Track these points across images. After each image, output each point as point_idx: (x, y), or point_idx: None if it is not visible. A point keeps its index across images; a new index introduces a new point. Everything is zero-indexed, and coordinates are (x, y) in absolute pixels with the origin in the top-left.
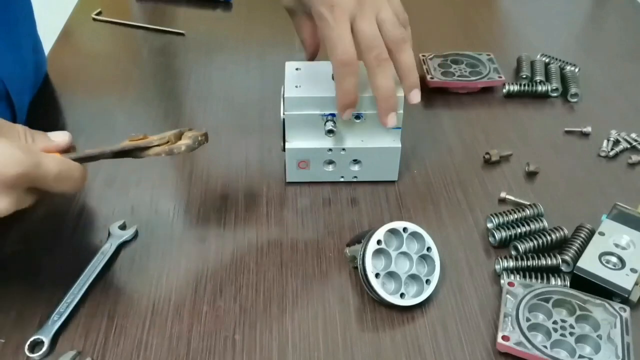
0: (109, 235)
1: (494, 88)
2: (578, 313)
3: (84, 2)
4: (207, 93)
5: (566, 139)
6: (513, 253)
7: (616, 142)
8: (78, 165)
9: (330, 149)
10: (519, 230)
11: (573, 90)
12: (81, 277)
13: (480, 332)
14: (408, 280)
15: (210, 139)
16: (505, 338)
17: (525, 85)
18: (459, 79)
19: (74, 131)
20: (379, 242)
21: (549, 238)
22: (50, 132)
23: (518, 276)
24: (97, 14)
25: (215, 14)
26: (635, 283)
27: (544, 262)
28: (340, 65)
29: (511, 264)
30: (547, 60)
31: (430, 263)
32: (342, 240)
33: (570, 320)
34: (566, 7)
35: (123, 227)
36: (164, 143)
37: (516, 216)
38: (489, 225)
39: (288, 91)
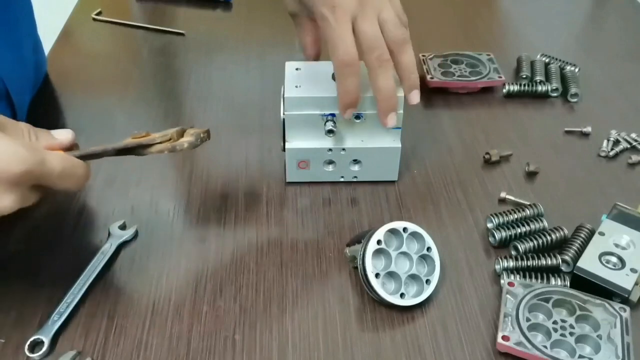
0: (109, 235)
1: (494, 88)
2: (578, 313)
3: (84, 2)
4: (207, 93)
5: (566, 139)
6: (513, 253)
7: (616, 142)
8: (81, 162)
9: (330, 149)
10: (519, 230)
11: (573, 90)
12: (81, 277)
13: (480, 332)
14: (408, 280)
15: (210, 139)
16: (505, 338)
17: (525, 85)
18: (459, 79)
19: (74, 131)
20: (379, 242)
21: (549, 238)
22: (53, 130)
23: (518, 276)
24: (97, 14)
25: (215, 14)
26: (635, 283)
27: (544, 262)
28: (341, 65)
29: (511, 264)
30: (547, 60)
31: (430, 263)
32: (342, 240)
33: (570, 320)
34: (566, 7)
35: (123, 227)
36: (166, 140)
37: (516, 216)
38: (489, 225)
39: (288, 91)
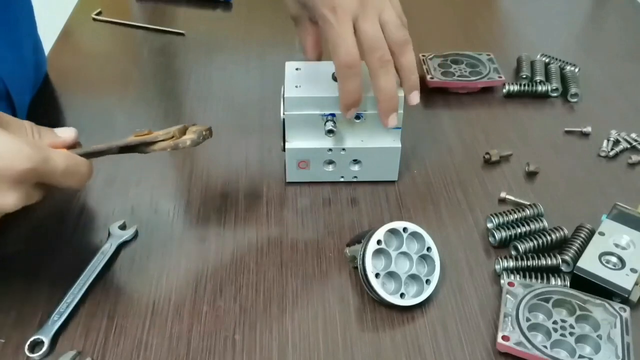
0: (109, 235)
1: (494, 88)
2: (578, 313)
3: (84, 2)
4: (207, 93)
5: (566, 139)
6: (513, 253)
7: (616, 142)
8: (85, 160)
9: (330, 149)
10: (519, 230)
11: (573, 90)
12: (81, 277)
13: (480, 332)
14: (408, 280)
15: (210, 139)
16: (505, 338)
17: (525, 85)
18: (459, 79)
19: None
20: (379, 242)
21: (549, 238)
22: (56, 128)
23: (518, 276)
24: (97, 14)
25: (215, 14)
26: (635, 283)
27: (544, 262)
28: (343, 66)
29: (511, 264)
30: (547, 60)
31: (430, 263)
32: (342, 240)
33: (570, 320)
34: (566, 7)
35: (123, 227)
36: (169, 138)
37: (516, 216)
38: (489, 225)
39: (288, 91)
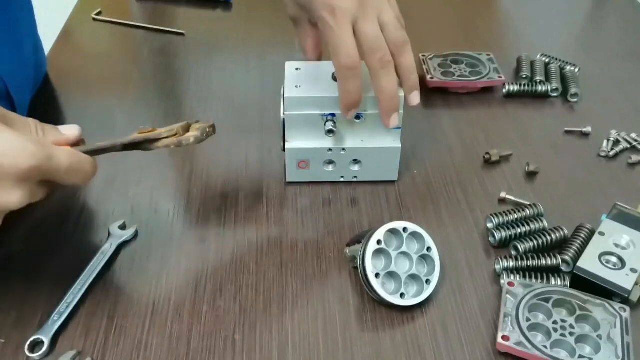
0: (109, 235)
1: (494, 88)
2: (578, 313)
3: (84, 2)
4: (207, 93)
5: (566, 139)
6: (513, 253)
7: (616, 142)
8: (89, 158)
9: (330, 149)
10: (519, 230)
11: (573, 90)
12: (81, 277)
13: (480, 332)
14: (408, 280)
15: (210, 139)
16: (505, 338)
17: (525, 85)
18: (459, 79)
19: None
20: (379, 242)
21: (549, 238)
22: (60, 126)
23: (518, 276)
24: (97, 14)
25: (215, 14)
26: (635, 283)
27: (544, 262)
28: (344, 68)
29: (511, 264)
30: (547, 60)
31: (430, 263)
32: (342, 240)
33: (570, 320)
34: (566, 7)
35: (123, 227)
36: (172, 135)
37: (516, 216)
38: (489, 225)
39: (288, 91)
